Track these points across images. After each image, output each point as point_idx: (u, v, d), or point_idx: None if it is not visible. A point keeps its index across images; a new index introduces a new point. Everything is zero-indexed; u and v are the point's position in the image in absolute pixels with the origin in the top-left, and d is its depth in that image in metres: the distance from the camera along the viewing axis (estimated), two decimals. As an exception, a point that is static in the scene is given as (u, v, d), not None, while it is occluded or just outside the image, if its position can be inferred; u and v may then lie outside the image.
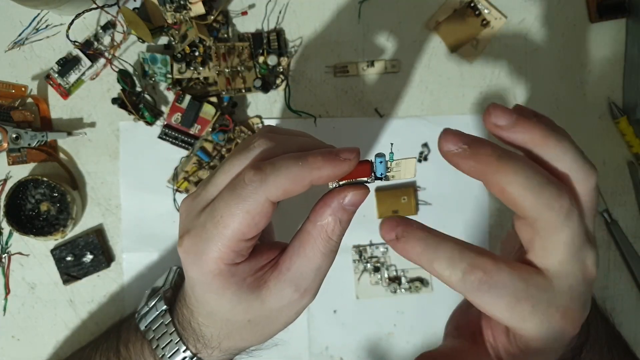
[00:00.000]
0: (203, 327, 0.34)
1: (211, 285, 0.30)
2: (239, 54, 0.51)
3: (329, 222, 0.30)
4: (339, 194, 0.29)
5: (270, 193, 0.28)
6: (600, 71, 0.54)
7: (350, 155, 0.28)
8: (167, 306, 0.38)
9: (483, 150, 0.25)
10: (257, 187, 0.28)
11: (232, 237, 0.29)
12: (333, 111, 0.53)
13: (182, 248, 0.31)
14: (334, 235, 0.30)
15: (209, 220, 0.29)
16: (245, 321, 0.32)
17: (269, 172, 0.28)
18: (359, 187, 0.30)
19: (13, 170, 0.52)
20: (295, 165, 0.28)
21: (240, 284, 0.30)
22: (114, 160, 0.53)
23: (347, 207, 0.30)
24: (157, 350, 0.37)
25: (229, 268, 0.30)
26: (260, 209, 0.28)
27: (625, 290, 0.54)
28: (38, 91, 0.52)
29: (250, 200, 0.28)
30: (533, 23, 0.53)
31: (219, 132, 0.51)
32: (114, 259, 0.53)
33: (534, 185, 0.25)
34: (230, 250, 0.29)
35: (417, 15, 0.53)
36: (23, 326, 0.53)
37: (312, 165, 0.28)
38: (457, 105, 0.54)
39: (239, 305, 0.31)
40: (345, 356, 0.54)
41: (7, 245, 0.52)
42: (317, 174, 0.28)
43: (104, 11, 0.50)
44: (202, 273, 0.30)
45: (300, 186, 0.28)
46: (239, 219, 0.28)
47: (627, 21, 0.54)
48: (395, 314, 0.54)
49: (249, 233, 0.29)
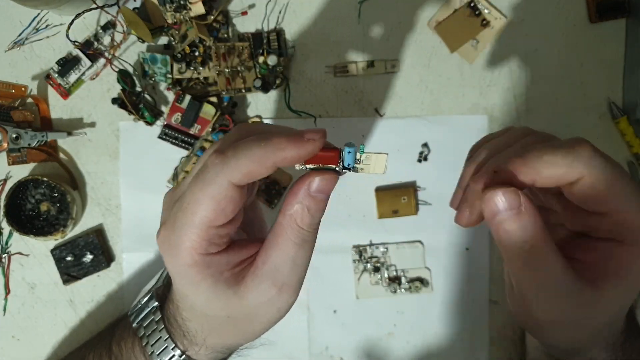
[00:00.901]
0: (187, 322, 0.34)
1: (187, 276, 0.30)
2: (239, 54, 0.51)
3: (297, 211, 0.29)
4: (305, 180, 0.29)
5: (232, 176, 0.27)
6: (600, 71, 0.54)
7: (315, 136, 0.27)
8: (157, 303, 0.37)
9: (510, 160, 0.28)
10: (219, 171, 0.27)
11: (200, 225, 0.28)
12: (333, 111, 0.53)
13: (158, 239, 0.30)
14: (304, 224, 0.29)
15: (178, 209, 0.29)
16: (224, 317, 0.31)
17: (231, 155, 0.27)
18: (326, 172, 0.28)
19: (13, 170, 0.52)
20: (258, 146, 0.27)
21: (216, 277, 0.30)
22: (114, 160, 0.53)
23: (314, 195, 0.29)
24: (146, 348, 0.36)
25: (204, 258, 0.29)
26: (225, 193, 0.27)
27: (625, 290, 0.54)
28: (38, 91, 0.52)
29: (213, 185, 0.27)
30: (533, 23, 0.53)
31: (219, 132, 0.51)
32: (114, 259, 0.53)
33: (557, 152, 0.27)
34: (200, 238, 0.28)
35: (417, 15, 0.53)
36: (23, 326, 0.53)
37: (276, 146, 0.27)
38: (457, 105, 0.54)
39: (217, 300, 0.30)
40: (345, 356, 0.54)
41: (7, 245, 0.52)
42: (281, 155, 0.27)
43: (104, 11, 0.50)
44: (177, 264, 0.29)
45: (263, 168, 0.27)
46: (204, 204, 0.28)
47: (627, 21, 0.54)
48: (395, 314, 0.54)
49: (217, 220, 0.28)
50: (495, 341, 0.54)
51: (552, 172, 0.27)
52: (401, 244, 0.53)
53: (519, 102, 0.54)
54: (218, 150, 0.28)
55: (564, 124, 0.54)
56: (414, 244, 0.53)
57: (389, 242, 0.53)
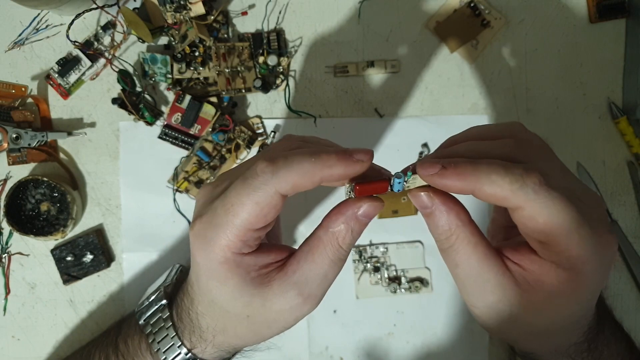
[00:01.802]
0: (200, 318, 0.34)
1: (216, 272, 0.31)
2: (239, 54, 0.51)
3: (341, 230, 0.30)
4: (354, 203, 0.30)
5: (280, 186, 0.28)
6: (600, 71, 0.54)
7: (364, 157, 0.29)
8: (166, 300, 0.38)
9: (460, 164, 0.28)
10: (268, 179, 0.28)
11: (240, 226, 0.29)
12: (333, 111, 0.53)
13: (192, 231, 0.31)
14: (344, 244, 0.30)
15: (220, 207, 0.30)
16: (244, 316, 0.32)
17: (281, 165, 0.28)
18: (375, 200, 0.30)
19: (13, 170, 0.52)
20: (308, 160, 0.28)
21: (244, 276, 0.31)
22: (114, 160, 0.53)
23: (360, 218, 0.30)
24: (153, 345, 0.37)
25: (235, 257, 0.30)
26: (270, 201, 0.29)
27: (625, 290, 0.54)
28: (38, 91, 0.52)
29: (260, 192, 0.29)
30: (533, 23, 0.54)
31: (219, 132, 0.51)
32: (114, 259, 0.53)
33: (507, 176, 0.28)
34: (238, 239, 0.29)
35: (417, 16, 0.53)
36: (23, 326, 0.53)
37: (325, 163, 0.28)
38: (456, 105, 0.54)
39: (240, 298, 0.31)
40: (345, 356, 0.54)
41: (7, 245, 0.52)
42: (329, 172, 0.28)
43: (104, 11, 0.50)
44: (209, 259, 0.30)
45: (310, 182, 0.29)
46: (248, 208, 0.29)
47: (627, 21, 0.54)
48: (395, 314, 0.54)
49: (257, 223, 0.29)
50: (495, 341, 0.54)
51: (493, 191, 0.28)
52: (401, 244, 0.53)
53: (519, 102, 0.54)
54: (269, 159, 0.29)
55: (564, 124, 0.54)
56: (413, 244, 0.53)
57: (388, 242, 0.53)
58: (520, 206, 0.28)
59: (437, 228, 0.30)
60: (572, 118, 0.54)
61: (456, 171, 0.28)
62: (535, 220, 0.28)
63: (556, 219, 0.27)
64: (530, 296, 0.29)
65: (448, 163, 0.28)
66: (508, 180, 0.27)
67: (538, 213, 0.27)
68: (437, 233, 0.30)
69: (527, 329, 0.31)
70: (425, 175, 0.29)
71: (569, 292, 0.29)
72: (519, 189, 0.27)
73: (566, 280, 0.28)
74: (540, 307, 0.29)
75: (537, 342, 0.34)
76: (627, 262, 0.54)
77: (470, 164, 0.28)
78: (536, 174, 0.27)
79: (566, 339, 0.34)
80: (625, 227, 0.54)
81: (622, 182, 0.54)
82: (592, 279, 0.29)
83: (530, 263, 0.30)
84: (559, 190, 0.28)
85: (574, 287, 0.29)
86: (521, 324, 0.31)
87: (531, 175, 0.27)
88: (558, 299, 0.29)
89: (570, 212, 0.27)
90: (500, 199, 0.28)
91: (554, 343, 0.34)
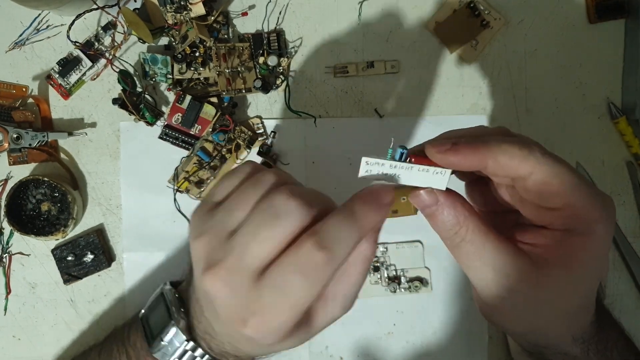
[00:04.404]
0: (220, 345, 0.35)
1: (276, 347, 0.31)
2: (239, 55, 0.51)
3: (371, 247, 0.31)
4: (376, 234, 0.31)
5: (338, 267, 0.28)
6: (599, 72, 0.54)
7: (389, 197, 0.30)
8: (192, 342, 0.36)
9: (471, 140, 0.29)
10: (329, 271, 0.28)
11: (303, 311, 0.29)
12: (333, 111, 0.54)
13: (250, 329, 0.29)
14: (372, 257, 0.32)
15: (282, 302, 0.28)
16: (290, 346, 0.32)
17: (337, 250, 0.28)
18: None
19: (14, 170, 0.52)
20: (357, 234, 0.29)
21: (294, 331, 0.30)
22: (114, 161, 0.53)
23: None
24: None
25: None
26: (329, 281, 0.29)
27: (624, 290, 0.54)
28: (39, 91, 0.52)
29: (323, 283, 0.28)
30: (532, 24, 0.54)
31: (220, 132, 0.51)
32: (115, 259, 0.53)
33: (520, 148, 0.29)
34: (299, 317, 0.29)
35: (416, 16, 0.53)
36: (24, 326, 0.53)
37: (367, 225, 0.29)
38: (456, 105, 0.54)
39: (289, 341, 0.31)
40: (345, 355, 0.54)
41: (8, 245, 0.52)
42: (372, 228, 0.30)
43: (105, 12, 0.50)
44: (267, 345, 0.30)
45: None
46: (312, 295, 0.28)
47: (626, 22, 0.54)
48: (395, 314, 0.54)
49: None
50: (494, 340, 0.54)
51: (506, 160, 0.29)
52: (401, 244, 0.54)
53: (518, 102, 0.54)
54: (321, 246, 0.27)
55: (563, 124, 0.54)
56: (413, 243, 0.54)
57: (388, 242, 0.54)
58: (532, 172, 0.29)
59: (445, 224, 0.30)
60: (571, 118, 0.54)
61: (469, 145, 0.29)
62: (549, 183, 0.29)
63: (568, 180, 0.28)
64: (551, 273, 0.29)
65: (458, 139, 0.29)
66: (517, 147, 0.29)
67: (550, 175, 0.28)
68: (445, 230, 0.30)
69: (551, 312, 0.31)
70: (438, 153, 0.29)
71: (587, 256, 0.29)
72: (529, 154, 0.28)
73: (583, 244, 0.29)
74: (563, 282, 0.29)
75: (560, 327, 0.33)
76: (626, 262, 0.54)
77: (479, 139, 0.29)
78: (537, 143, 0.29)
79: (584, 317, 0.34)
80: (625, 226, 0.54)
81: (621, 182, 0.54)
82: (604, 240, 0.29)
83: (544, 238, 0.30)
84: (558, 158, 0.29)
85: (591, 250, 0.29)
86: (546, 308, 0.31)
87: (533, 144, 0.29)
88: (578, 267, 0.29)
89: (575, 174, 0.29)
90: (514, 167, 0.29)
91: (574, 326, 0.34)
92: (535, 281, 0.29)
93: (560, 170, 0.29)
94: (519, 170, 0.29)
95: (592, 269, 0.30)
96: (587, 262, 0.29)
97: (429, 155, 0.30)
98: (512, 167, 0.29)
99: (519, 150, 0.28)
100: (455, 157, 0.29)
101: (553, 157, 0.29)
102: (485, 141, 0.29)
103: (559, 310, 0.31)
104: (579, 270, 0.29)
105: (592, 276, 0.30)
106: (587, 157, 0.54)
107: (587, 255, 0.29)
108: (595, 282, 0.31)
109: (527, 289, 0.30)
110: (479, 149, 0.29)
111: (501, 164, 0.29)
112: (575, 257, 0.29)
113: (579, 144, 0.54)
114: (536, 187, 0.29)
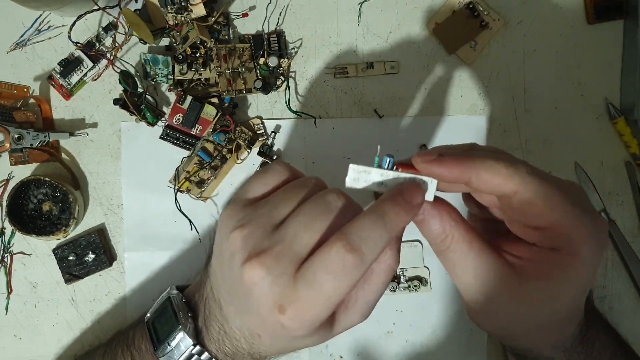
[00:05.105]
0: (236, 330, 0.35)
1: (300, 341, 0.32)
2: (239, 56, 0.51)
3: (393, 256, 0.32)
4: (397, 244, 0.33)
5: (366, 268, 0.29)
6: (598, 72, 0.54)
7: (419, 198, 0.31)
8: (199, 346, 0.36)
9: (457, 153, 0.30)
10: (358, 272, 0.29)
11: (333, 308, 0.30)
12: (333, 112, 0.54)
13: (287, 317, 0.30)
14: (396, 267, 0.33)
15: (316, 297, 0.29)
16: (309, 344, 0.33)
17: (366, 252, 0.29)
18: None
19: (15, 170, 0.52)
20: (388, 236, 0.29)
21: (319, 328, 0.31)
22: (115, 161, 0.53)
23: None
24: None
25: None
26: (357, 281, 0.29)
27: (623, 290, 0.54)
28: (40, 92, 0.53)
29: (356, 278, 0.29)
30: (531, 24, 0.54)
31: (220, 133, 0.51)
32: (116, 259, 0.53)
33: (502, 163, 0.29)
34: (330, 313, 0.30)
35: (416, 17, 0.54)
36: (25, 325, 0.53)
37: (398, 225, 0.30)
38: (455, 106, 0.54)
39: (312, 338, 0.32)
40: (344, 355, 0.54)
41: (9, 244, 0.52)
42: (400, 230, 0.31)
43: (106, 12, 0.51)
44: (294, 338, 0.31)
45: None
46: (344, 292, 0.29)
47: (625, 22, 0.54)
48: (394, 313, 0.54)
49: None
50: (494, 340, 0.54)
51: (489, 176, 0.29)
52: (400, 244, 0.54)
53: (517, 102, 0.54)
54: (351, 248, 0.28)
55: (562, 125, 0.54)
56: (413, 243, 0.54)
57: (388, 242, 0.54)
58: (516, 190, 0.29)
59: (432, 232, 0.31)
60: (570, 118, 0.54)
61: (453, 157, 0.29)
62: (534, 204, 0.28)
63: (554, 201, 0.28)
64: (532, 287, 0.30)
65: (445, 152, 0.30)
66: (503, 164, 0.29)
67: (535, 195, 0.28)
68: (432, 237, 0.31)
69: (531, 322, 0.31)
70: (423, 163, 0.30)
71: (569, 276, 0.29)
72: (514, 172, 0.28)
73: (566, 264, 0.29)
74: (544, 297, 0.30)
75: (539, 336, 0.34)
76: (625, 262, 0.54)
77: (466, 153, 0.30)
78: (523, 162, 0.29)
79: (566, 329, 0.34)
80: (623, 226, 0.54)
81: (620, 182, 0.55)
82: (590, 261, 0.29)
83: (529, 253, 0.30)
84: (546, 177, 0.29)
85: (574, 271, 0.29)
86: (525, 319, 0.31)
87: (519, 163, 0.29)
88: (560, 285, 0.29)
89: (562, 194, 0.28)
90: (497, 184, 0.29)
91: (555, 335, 0.34)
92: (516, 292, 0.30)
93: (546, 191, 0.28)
94: (503, 188, 0.29)
95: (575, 288, 0.30)
96: (569, 281, 0.29)
97: (414, 164, 0.30)
98: (496, 184, 0.29)
99: (504, 168, 0.29)
100: (439, 168, 0.29)
101: (540, 177, 0.29)
102: (471, 155, 0.29)
103: (537, 322, 0.32)
104: (560, 287, 0.29)
105: (575, 293, 0.30)
106: (586, 157, 0.54)
107: (570, 275, 0.29)
108: (579, 298, 0.32)
109: (507, 299, 0.30)
110: (463, 162, 0.29)
111: (484, 179, 0.29)
112: (557, 275, 0.29)
113: (578, 144, 0.54)
114: (520, 206, 0.29)
